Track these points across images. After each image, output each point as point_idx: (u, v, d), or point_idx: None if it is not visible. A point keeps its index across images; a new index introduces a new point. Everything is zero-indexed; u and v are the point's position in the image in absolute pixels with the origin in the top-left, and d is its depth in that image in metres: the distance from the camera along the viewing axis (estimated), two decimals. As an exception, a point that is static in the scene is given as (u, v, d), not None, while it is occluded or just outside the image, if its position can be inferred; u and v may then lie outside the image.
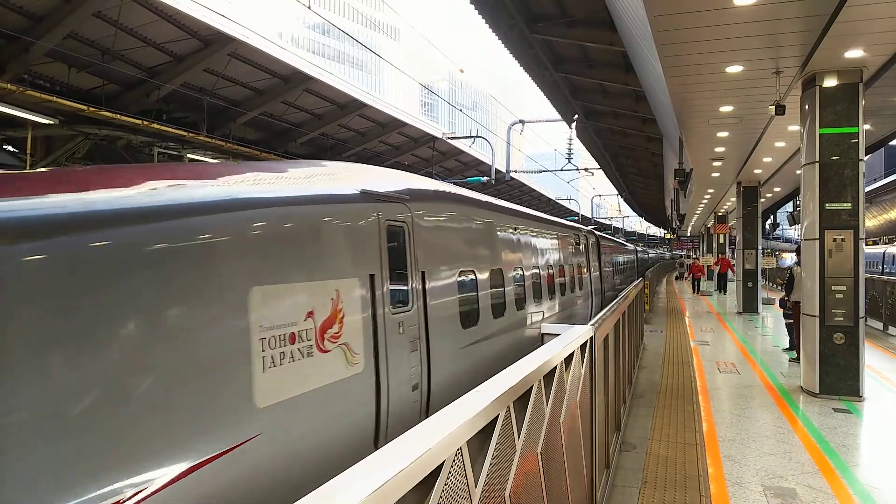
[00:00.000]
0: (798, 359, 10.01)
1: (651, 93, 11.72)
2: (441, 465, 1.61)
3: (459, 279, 5.98)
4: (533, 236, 9.42)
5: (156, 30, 13.85)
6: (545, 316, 9.42)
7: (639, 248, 44.15)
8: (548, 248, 10.30)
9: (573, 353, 3.41)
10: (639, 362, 9.86)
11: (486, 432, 2.01)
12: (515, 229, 8.44)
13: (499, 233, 7.69)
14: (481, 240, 7.07)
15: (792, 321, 10.65)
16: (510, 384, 2.26)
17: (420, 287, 5.00)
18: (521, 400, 2.42)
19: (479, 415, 1.91)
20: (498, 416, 2.09)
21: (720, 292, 26.80)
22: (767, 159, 15.31)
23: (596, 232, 17.11)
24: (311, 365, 3.56)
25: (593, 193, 50.74)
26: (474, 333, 6.20)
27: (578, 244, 13.29)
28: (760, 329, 15.17)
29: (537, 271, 9.32)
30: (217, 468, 2.84)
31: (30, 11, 12.13)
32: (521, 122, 23.15)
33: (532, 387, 2.54)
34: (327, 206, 4.19)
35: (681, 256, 52.83)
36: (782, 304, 11.41)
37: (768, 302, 20.08)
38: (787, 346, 11.25)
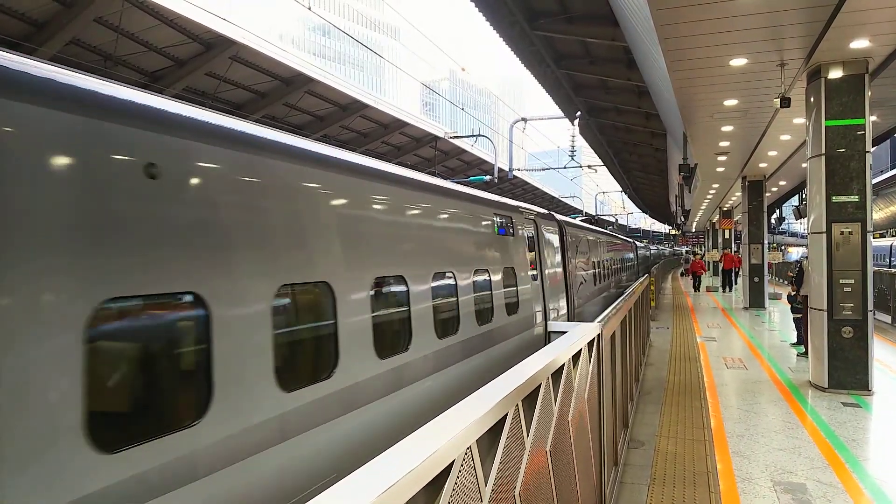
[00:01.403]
0: (806, 353, 9.98)
1: (654, 88, 11.67)
2: (451, 465, 1.60)
3: None
4: (349, 213, 4.06)
5: (157, 34, 13.90)
6: (379, 392, 4.08)
7: (640, 244, 36.94)
8: (404, 243, 4.83)
9: (580, 350, 3.39)
10: (645, 359, 9.83)
11: (494, 431, 2.00)
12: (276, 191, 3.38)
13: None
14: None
15: (800, 315, 10.60)
16: (518, 382, 2.25)
17: None
18: (529, 398, 2.40)
19: (487, 413, 1.90)
20: (507, 414, 2.07)
21: (726, 290, 25.35)
22: (772, 153, 15.24)
23: (559, 217, 10.84)
24: None
25: (597, 191, 50.67)
26: None
27: (510, 234, 7.31)
28: (767, 324, 15.11)
29: (357, 295, 3.95)
30: None
31: (32, 18, 12.19)
32: (524, 119, 23.11)
33: (540, 385, 2.52)
34: None
35: (686, 252, 52.54)
36: (790, 298, 11.35)
37: (775, 297, 20.01)
38: (795, 340, 11.21)
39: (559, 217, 10.86)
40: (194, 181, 2.82)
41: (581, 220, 19.28)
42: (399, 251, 4.62)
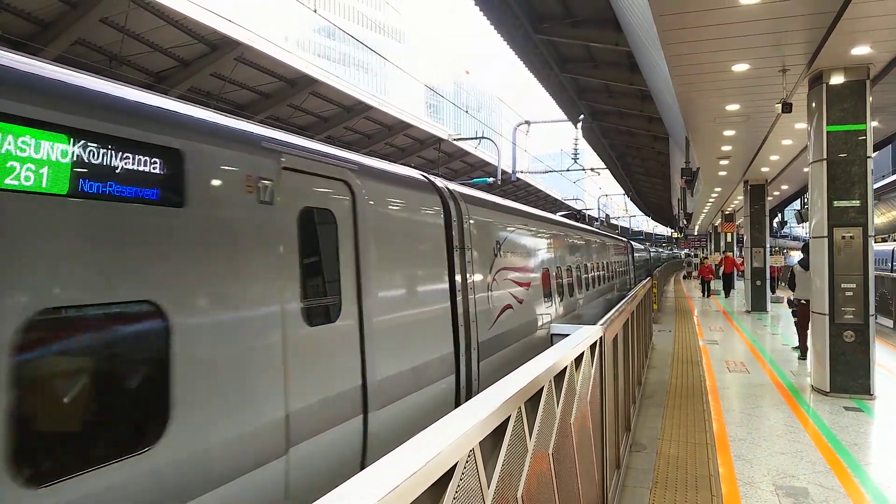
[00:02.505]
0: (804, 355, 10.03)
1: (657, 92, 11.70)
2: (454, 467, 1.62)
3: None
4: None
5: (163, 35, 13.96)
6: None
7: (638, 246, 31.39)
8: None
9: (583, 353, 3.42)
10: (648, 362, 9.84)
11: (497, 433, 2.02)
12: None
13: None
14: None
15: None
16: (521, 385, 2.27)
17: None
18: (532, 401, 2.42)
19: (490, 416, 1.92)
20: (509, 417, 2.09)
21: (726, 295, 24.68)
22: (774, 157, 15.24)
23: (443, 185, 5.64)
24: None
25: (600, 193, 50.68)
26: None
27: (197, 202, 2.72)
28: (770, 328, 15.10)
29: None
30: None
31: (38, 18, 12.26)
32: (527, 122, 23.17)
33: (543, 387, 2.54)
34: None
35: (685, 255, 52.26)
36: (790, 303, 11.37)
37: (777, 300, 20.00)
38: (797, 344, 11.22)
39: (444, 185, 5.63)
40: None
41: (562, 216, 13.68)
42: None
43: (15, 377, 2.02)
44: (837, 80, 7.81)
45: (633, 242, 27.26)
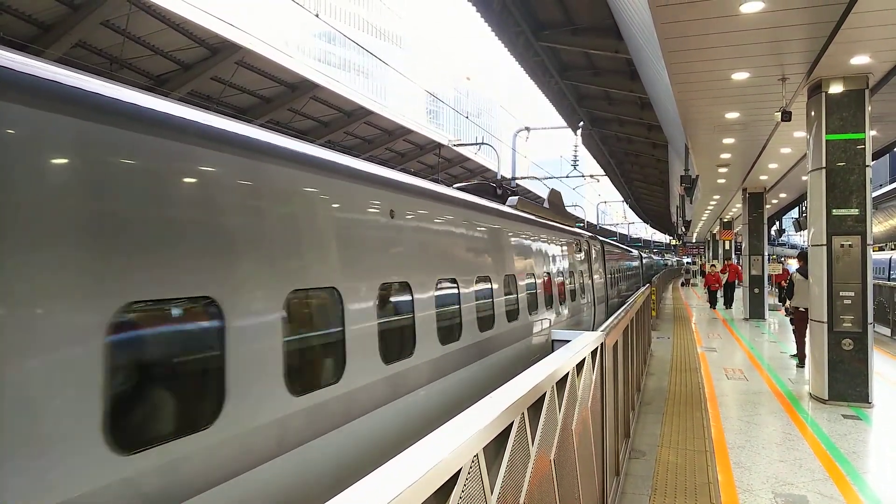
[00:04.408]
0: (802, 363, 10.06)
1: (657, 100, 11.74)
2: (458, 473, 1.61)
3: None
4: None
5: (163, 38, 13.99)
6: None
7: (630, 251, 27.30)
8: None
9: (584, 359, 3.42)
10: (646, 369, 9.84)
11: (500, 439, 2.02)
12: None
13: None
14: None
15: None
16: (524, 391, 2.27)
17: None
18: (534, 406, 2.43)
19: (494, 422, 1.92)
20: (513, 422, 2.09)
21: (726, 307, 22.66)
22: (773, 165, 15.30)
23: None
24: None
25: (599, 200, 50.76)
26: None
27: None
28: (768, 335, 15.12)
29: None
30: None
31: (39, 20, 12.28)
32: (527, 128, 23.25)
33: (545, 393, 2.54)
34: None
35: (677, 262, 52.00)
36: (788, 311, 11.40)
37: (775, 308, 20.04)
38: (795, 351, 11.23)
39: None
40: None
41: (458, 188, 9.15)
42: None
43: None
44: (837, 89, 7.85)
45: (603, 241, 17.08)
